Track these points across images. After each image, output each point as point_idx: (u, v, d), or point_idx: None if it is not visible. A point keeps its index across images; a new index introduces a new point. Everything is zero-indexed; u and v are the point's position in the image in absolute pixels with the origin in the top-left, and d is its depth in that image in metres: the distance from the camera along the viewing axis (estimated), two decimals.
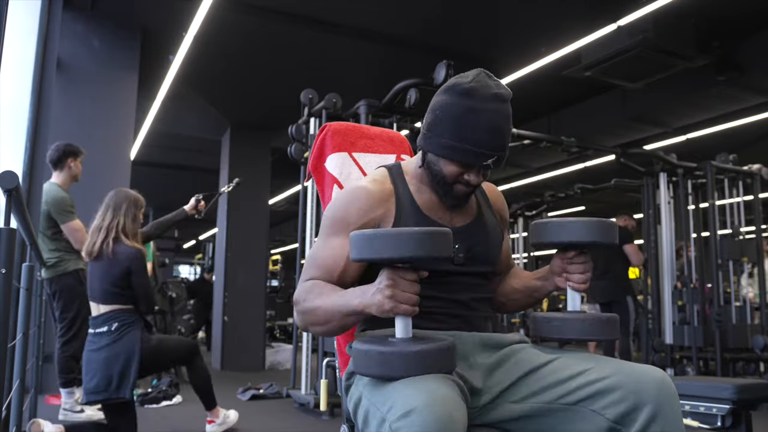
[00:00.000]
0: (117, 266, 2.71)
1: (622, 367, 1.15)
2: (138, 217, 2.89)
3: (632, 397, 1.09)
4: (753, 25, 5.42)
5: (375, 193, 1.30)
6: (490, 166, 1.26)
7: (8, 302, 1.31)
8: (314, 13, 5.07)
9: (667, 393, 1.10)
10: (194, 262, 11.94)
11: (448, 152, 1.24)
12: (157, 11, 5.13)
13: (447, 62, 3.94)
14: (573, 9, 5.04)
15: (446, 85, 1.28)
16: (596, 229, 1.21)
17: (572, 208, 12.02)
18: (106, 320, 2.68)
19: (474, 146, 1.22)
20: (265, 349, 7.23)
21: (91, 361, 2.63)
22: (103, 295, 2.72)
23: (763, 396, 2.44)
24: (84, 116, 4.88)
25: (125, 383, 2.60)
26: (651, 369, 1.14)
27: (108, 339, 2.64)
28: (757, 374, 5.11)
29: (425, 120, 1.31)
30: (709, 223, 5.20)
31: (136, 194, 2.94)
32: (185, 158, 9.53)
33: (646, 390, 1.09)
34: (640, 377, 1.12)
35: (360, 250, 1.07)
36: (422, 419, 0.95)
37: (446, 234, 1.09)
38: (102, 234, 2.75)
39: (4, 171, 1.31)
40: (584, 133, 6.71)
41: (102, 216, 2.81)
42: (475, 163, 1.24)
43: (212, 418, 3.25)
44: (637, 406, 1.09)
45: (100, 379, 2.58)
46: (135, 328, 2.70)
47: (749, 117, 6.85)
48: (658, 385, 1.10)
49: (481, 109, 1.21)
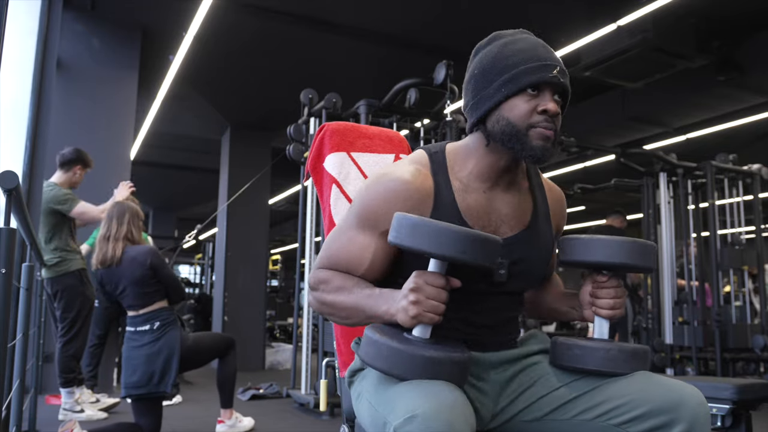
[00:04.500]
0: (139, 268, 2.79)
1: (649, 384, 1.07)
2: (140, 226, 3.03)
3: (663, 414, 1.02)
4: (753, 25, 5.42)
5: (413, 192, 1.12)
6: (560, 82, 1.09)
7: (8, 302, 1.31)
8: (314, 13, 5.07)
9: (702, 412, 1.03)
10: (194, 262, 11.93)
11: (508, 86, 1.08)
12: (157, 11, 5.13)
13: (447, 62, 3.94)
14: (573, 9, 5.04)
15: (473, 53, 1.19)
16: (631, 251, 1.09)
17: (572, 208, 12.02)
18: (147, 319, 2.77)
19: (529, 62, 1.08)
20: (265, 349, 7.23)
21: (133, 357, 2.71)
22: (138, 299, 2.79)
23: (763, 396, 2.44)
24: (84, 116, 4.88)
25: (166, 378, 2.68)
26: (683, 386, 1.05)
27: (150, 337, 2.73)
28: (757, 374, 5.11)
29: (467, 93, 1.17)
30: (709, 223, 5.20)
31: (135, 206, 3.09)
32: (185, 158, 9.52)
33: (679, 408, 1.02)
34: (670, 395, 1.04)
35: (399, 233, 1.01)
36: (426, 425, 0.90)
37: (495, 242, 1.01)
38: (111, 242, 2.85)
39: (4, 171, 1.31)
40: (584, 133, 6.71)
41: (107, 226, 2.92)
42: (541, 78, 1.07)
43: (223, 418, 3.24)
44: (667, 423, 1.01)
45: (142, 375, 2.65)
46: (175, 327, 2.80)
47: (749, 117, 6.85)
48: (694, 405, 1.02)
49: (517, 39, 1.12)
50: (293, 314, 7.24)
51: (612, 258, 1.09)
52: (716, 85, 5.84)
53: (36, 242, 2.32)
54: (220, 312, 7.05)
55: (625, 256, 1.09)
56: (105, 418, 3.71)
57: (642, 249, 1.10)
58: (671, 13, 4.82)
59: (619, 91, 6.53)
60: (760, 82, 5.92)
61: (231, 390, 3.19)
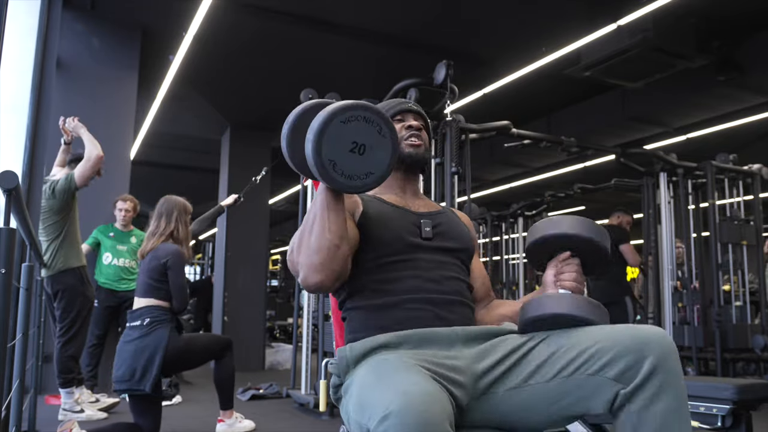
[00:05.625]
0: (156, 260, 2.81)
1: (615, 330, 1.15)
2: (188, 223, 3.03)
3: (631, 353, 1.09)
4: (753, 25, 5.42)
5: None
6: (416, 109, 1.54)
7: (8, 302, 1.31)
8: (314, 13, 5.07)
9: (668, 346, 1.11)
10: (194, 262, 11.93)
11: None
12: (157, 11, 5.13)
13: (447, 62, 3.94)
14: (573, 9, 5.04)
15: None
16: (586, 224, 1.27)
17: (572, 208, 12.01)
18: (140, 315, 2.77)
19: (392, 104, 1.56)
20: (265, 349, 7.23)
21: (122, 351, 2.72)
22: (142, 287, 2.82)
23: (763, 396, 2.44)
24: (84, 116, 4.84)
25: (147, 377, 2.65)
26: (648, 327, 1.15)
27: (139, 333, 2.72)
28: (757, 374, 5.11)
29: None
30: (709, 223, 5.20)
31: (185, 201, 3.05)
32: (185, 158, 9.52)
33: (646, 345, 1.09)
34: (637, 334, 1.12)
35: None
36: (401, 419, 0.94)
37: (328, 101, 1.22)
38: (157, 238, 2.88)
39: (4, 171, 1.31)
40: (584, 133, 6.71)
41: (156, 222, 2.93)
42: (401, 107, 1.54)
43: (223, 418, 3.24)
44: (637, 360, 1.09)
45: (125, 370, 2.65)
46: (164, 326, 2.76)
47: (749, 117, 6.85)
48: (658, 339, 1.11)
49: (386, 101, 1.63)
50: (293, 314, 7.24)
51: (571, 230, 1.27)
52: (716, 85, 5.84)
53: (36, 242, 2.32)
54: (220, 312, 7.05)
55: (586, 229, 1.26)
56: (104, 418, 3.71)
57: (596, 226, 1.28)
58: (671, 13, 4.82)
59: (619, 91, 6.53)
60: (760, 82, 5.92)
61: (229, 391, 3.17)
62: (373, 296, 1.33)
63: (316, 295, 4.46)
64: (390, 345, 1.23)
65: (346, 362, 1.24)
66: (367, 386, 1.09)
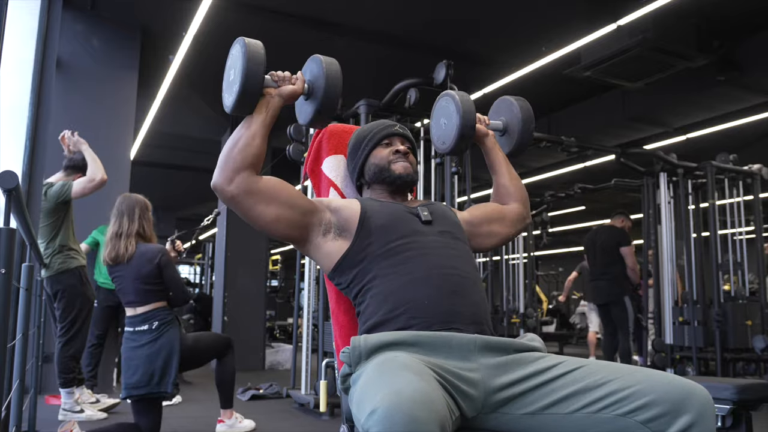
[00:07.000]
0: (146, 265, 2.77)
1: (656, 375, 1.10)
2: (150, 219, 2.98)
3: (668, 402, 1.05)
4: (753, 25, 5.42)
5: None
6: (403, 132, 1.64)
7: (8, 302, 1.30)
8: (314, 13, 5.07)
9: (710, 406, 1.06)
10: (194, 262, 11.93)
11: (370, 144, 1.62)
12: (157, 11, 5.12)
13: (447, 62, 3.94)
14: (573, 9, 5.04)
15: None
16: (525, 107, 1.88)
17: (572, 208, 12.01)
18: (145, 319, 2.75)
19: (379, 127, 1.66)
20: (265, 349, 7.24)
21: (132, 357, 2.69)
22: (139, 296, 2.77)
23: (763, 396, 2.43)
24: (84, 116, 4.88)
25: (166, 378, 2.66)
26: (690, 381, 1.09)
27: (149, 336, 2.71)
28: (757, 374, 5.11)
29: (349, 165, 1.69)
30: (709, 223, 5.20)
31: (144, 198, 3.02)
32: (185, 158, 9.52)
33: (688, 399, 1.05)
34: (680, 384, 1.07)
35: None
36: (386, 417, 0.92)
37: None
38: (123, 239, 2.82)
39: (4, 171, 1.31)
40: (584, 133, 6.71)
41: (118, 222, 2.87)
42: (388, 132, 1.63)
43: (223, 418, 3.24)
44: (675, 411, 1.04)
45: (142, 375, 2.64)
46: (173, 326, 2.78)
47: (749, 117, 6.84)
48: (700, 397, 1.06)
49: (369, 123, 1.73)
50: (293, 314, 7.24)
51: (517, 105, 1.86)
52: (716, 85, 5.84)
53: (36, 242, 2.32)
54: (220, 312, 7.05)
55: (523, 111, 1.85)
56: (105, 419, 3.71)
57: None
58: (671, 13, 4.82)
59: (619, 91, 6.53)
60: (760, 82, 5.92)
61: (230, 391, 3.19)
62: (386, 281, 1.36)
63: (316, 295, 4.46)
64: (405, 343, 1.21)
65: (359, 353, 1.22)
66: (369, 381, 1.09)
